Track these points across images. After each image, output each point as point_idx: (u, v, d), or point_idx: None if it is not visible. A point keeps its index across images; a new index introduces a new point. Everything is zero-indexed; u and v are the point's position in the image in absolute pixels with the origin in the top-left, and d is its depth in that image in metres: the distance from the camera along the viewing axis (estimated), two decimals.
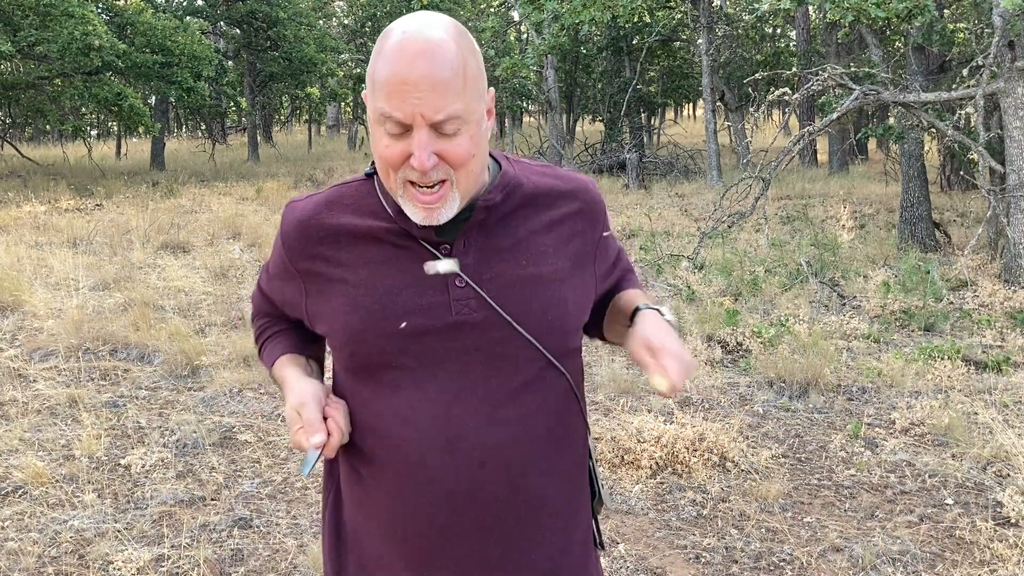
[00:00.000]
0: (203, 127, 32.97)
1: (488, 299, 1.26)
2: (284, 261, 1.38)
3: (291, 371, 1.39)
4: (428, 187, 1.21)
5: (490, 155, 1.35)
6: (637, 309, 1.36)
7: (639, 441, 4.29)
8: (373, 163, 1.32)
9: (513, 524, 1.30)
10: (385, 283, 1.27)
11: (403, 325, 1.25)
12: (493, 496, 1.27)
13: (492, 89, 1.31)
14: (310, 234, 1.32)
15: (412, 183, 1.21)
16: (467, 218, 1.28)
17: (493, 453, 1.26)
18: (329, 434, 1.25)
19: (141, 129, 19.59)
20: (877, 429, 4.75)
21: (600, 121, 25.11)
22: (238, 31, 24.52)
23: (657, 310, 1.33)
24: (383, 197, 1.31)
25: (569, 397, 1.34)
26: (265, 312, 1.53)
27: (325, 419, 1.27)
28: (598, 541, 1.48)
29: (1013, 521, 3.64)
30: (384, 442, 1.29)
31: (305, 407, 1.26)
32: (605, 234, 1.43)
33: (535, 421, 1.29)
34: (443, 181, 1.21)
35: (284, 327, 1.50)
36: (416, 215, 1.23)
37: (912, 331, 6.72)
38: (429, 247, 1.27)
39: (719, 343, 6.23)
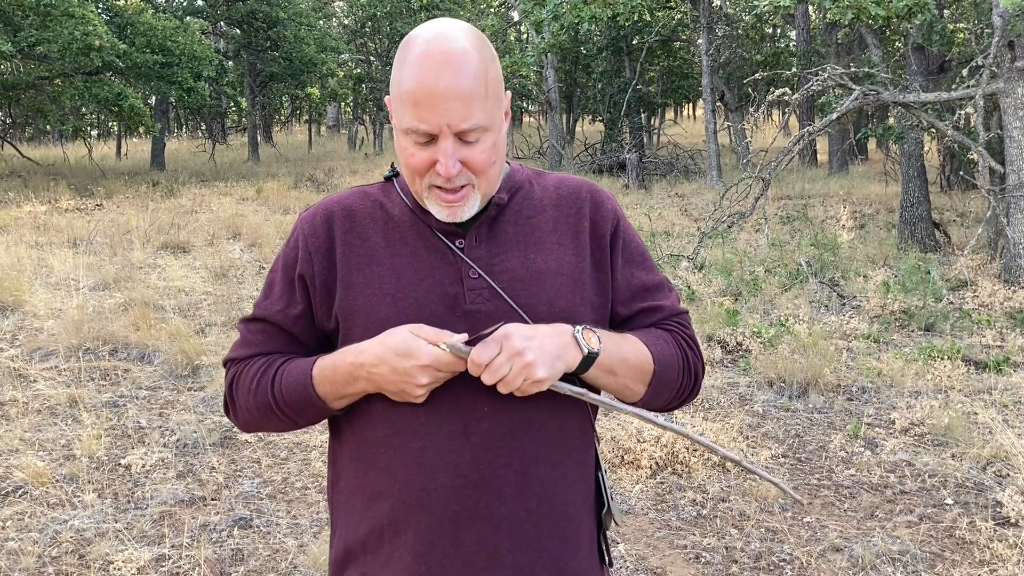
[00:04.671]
0: (203, 127, 32.98)
1: (499, 289, 1.31)
2: (308, 256, 1.36)
3: (344, 347, 1.32)
4: (452, 190, 1.29)
5: None
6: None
7: (639, 441, 4.29)
8: (392, 166, 1.42)
9: (525, 517, 1.31)
10: (408, 275, 1.33)
11: (424, 314, 1.30)
12: (506, 483, 1.29)
13: (509, 92, 1.37)
14: (336, 222, 1.37)
15: (437, 187, 1.29)
16: (479, 215, 1.35)
17: (507, 439, 1.29)
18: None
19: (141, 129, 19.62)
20: (877, 429, 4.75)
21: (600, 121, 25.10)
22: (238, 31, 24.52)
23: (582, 329, 1.30)
24: (404, 196, 1.38)
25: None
26: (263, 352, 1.41)
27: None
28: (606, 558, 1.47)
29: (1013, 521, 3.64)
30: (401, 430, 1.30)
31: (421, 328, 1.25)
32: (619, 234, 1.43)
33: (546, 412, 1.32)
34: (466, 185, 1.29)
35: (290, 356, 1.40)
36: (440, 214, 1.31)
37: (912, 331, 6.72)
38: (445, 240, 1.34)
39: (719, 343, 6.23)
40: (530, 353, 1.22)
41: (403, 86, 1.26)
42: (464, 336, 1.24)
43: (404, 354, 1.23)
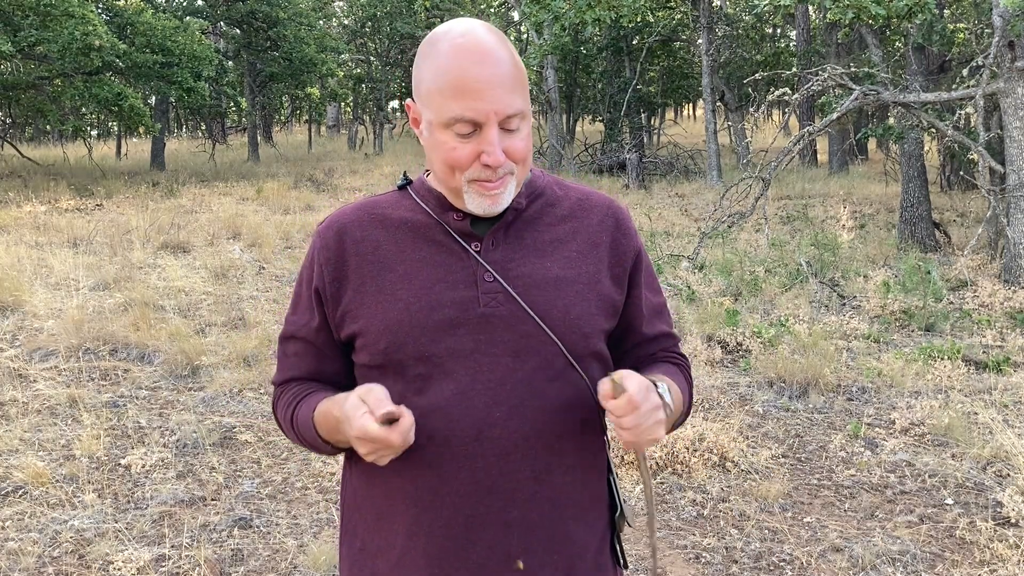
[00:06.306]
0: (203, 127, 32.98)
1: (514, 294, 1.31)
2: (320, 270, 1.38)
3: (339, 394, 1.34)
4: (495, 180, 1.28)
5: None
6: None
7: None
8: (404, 175, 1.43)
9: (536, 521, 1.32)
10: (421, 278, 1.32)
11: (436, 317, 1.30)
12: (518, 487, 1.30)
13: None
14: (347, 233, 1.37)
15: (478, 180, 1.28)
16: (497, 218, 1.34)
17: (519, 444, 1.29)
18: (399, 417, 1.19)
19: (141, 129, 19.62)
20: (877, 429, 4.75)
21: (600, 121, 25.11)
22: (238, 31, 24.52)
23: (654, 382, 1.30)
24: (420, 200, 1.37)
25: (589, 401, 1.35)
26: (295, 378, 1.46)
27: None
28: (621, 560, 1.47)
29: (1013, 521, 3.64)
30: (416, 434, 1.28)
31: (371, 391, 1.23)
32: (637, 252, 1.46)
33: (558, 418, 1.32)
34: (506, 174, 1.29)
35: (314, 388, 1.44)
36: (481, 205, 1.29)
37: (912, 331, 6.72)
38: (462, 241, 1.33)
39: (719, 343, 6.23)
40: (663, 411, 1.23)
41: (443, 79, 1.25)
42: (402, 409, 1.20)
43: (346, 420, 1.23)
